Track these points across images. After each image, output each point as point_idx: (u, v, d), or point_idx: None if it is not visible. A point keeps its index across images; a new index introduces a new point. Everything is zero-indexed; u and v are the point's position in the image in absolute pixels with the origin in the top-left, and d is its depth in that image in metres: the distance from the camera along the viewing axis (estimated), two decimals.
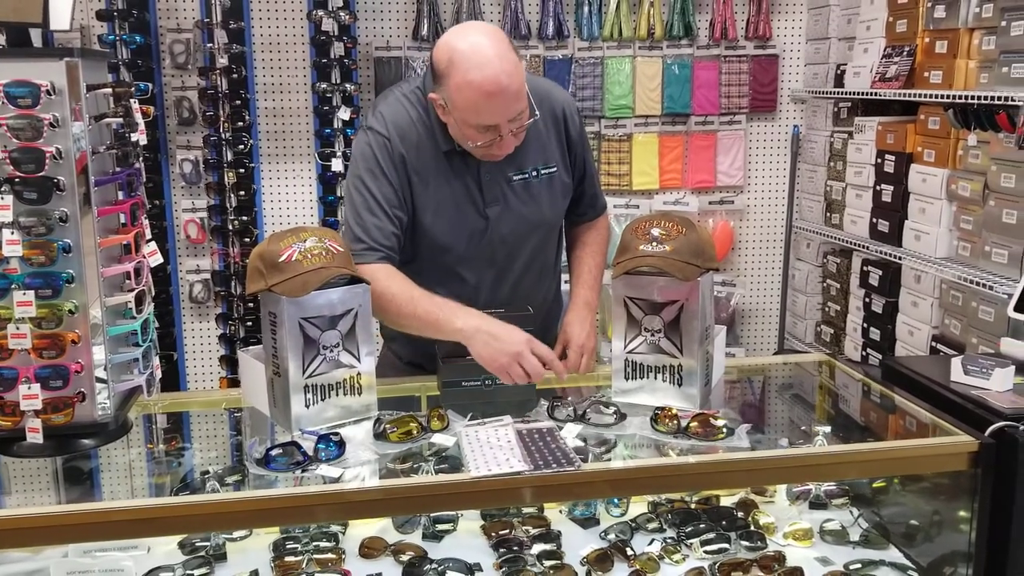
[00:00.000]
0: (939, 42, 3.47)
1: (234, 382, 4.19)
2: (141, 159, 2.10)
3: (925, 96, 3.46)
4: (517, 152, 2.26)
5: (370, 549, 2.07)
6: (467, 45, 2.06)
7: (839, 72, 4.25)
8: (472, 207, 2.29)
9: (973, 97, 3.13)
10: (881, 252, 3.79)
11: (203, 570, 2.00)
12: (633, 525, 2.19)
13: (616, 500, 2.24)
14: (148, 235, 2.09)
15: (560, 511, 2.25)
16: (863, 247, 3.94)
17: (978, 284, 3.12)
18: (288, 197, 4.43)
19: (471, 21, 3.98)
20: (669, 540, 2.14)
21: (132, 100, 1.99)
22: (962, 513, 1.90)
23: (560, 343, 2.28)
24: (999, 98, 2.98)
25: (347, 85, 4.17)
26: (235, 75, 4.10)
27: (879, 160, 3.84)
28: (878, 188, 3.86)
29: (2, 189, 1.77)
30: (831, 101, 4.34)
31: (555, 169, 2.36)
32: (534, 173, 2.32)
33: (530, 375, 2.04)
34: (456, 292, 2.24)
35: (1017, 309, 2.29)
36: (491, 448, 1.81)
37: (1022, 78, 2.97)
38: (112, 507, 1.69)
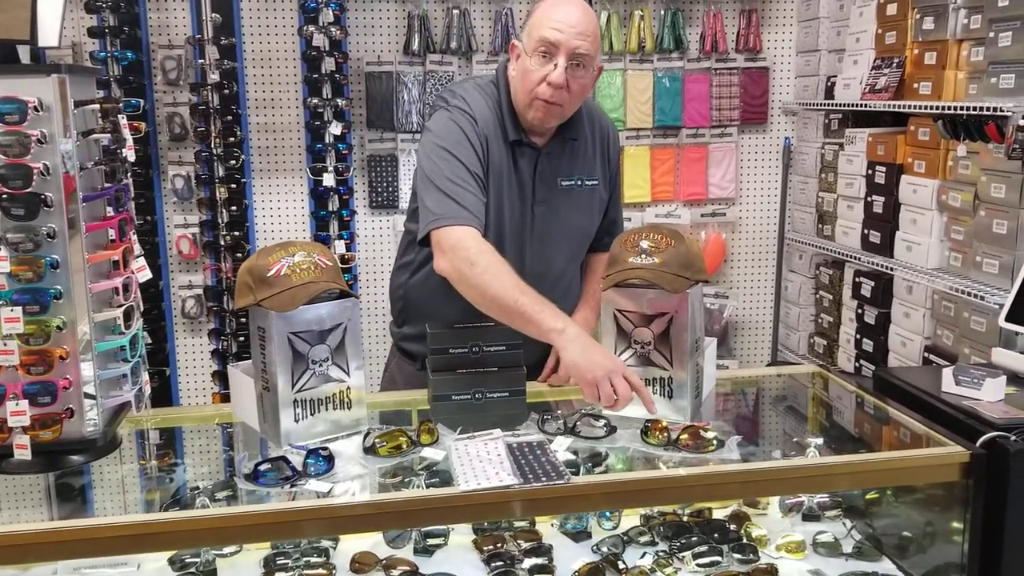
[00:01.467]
0: (928, 53, 3.48)
1: (227, 397, 4.11)
2: (129, 174, 2.10)
3: (915, 107, 3.48)
4: (568, 160, 2.41)
5: (361, 564, 2.06)
6: None
7: (829, 84, 4.27)
8: (521, 202, 2.38)
9: (962, 108, 3.14)
10: (873, 263, 3.79)
11: None
12: (625, 538, 2.18)
13: (608, 513, 2.23)
14: (137, 250, 2.08)
15: (552, 525, 2.24)
16: (855, 258, 3.95)
17: (969, 294, 3.12)
18: (280, 212, 4.42)
19: None
20: (661, 553, 2.12)
21: (120, 116, 1.99)
22: (955, 524, 1.89)
23: (553, 356, 2.31)
24: (988, 109, 2.99)
25: (338, 100, 4.18)
26: (226, 91, 4.10)
27: (870, 171, 3.86)
28: (869, 199, 3.87)
29: None
30: (822, 113, 4.35)
31: (597, 183, 2.49)
32: (579, 182, 2.45)
33: (618, 397, 2.00)
34: None
35: (1008, 319, 2.29)
36: (481, 462, 1.80)
37: (1011, 88, 2.98)
38: (101, 523, 1.68)
